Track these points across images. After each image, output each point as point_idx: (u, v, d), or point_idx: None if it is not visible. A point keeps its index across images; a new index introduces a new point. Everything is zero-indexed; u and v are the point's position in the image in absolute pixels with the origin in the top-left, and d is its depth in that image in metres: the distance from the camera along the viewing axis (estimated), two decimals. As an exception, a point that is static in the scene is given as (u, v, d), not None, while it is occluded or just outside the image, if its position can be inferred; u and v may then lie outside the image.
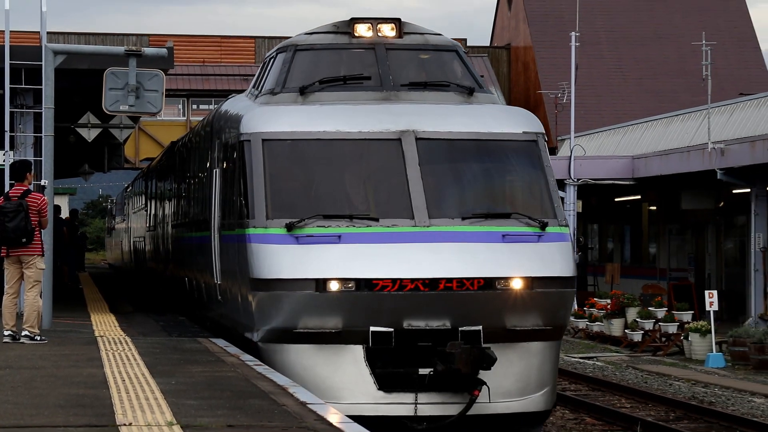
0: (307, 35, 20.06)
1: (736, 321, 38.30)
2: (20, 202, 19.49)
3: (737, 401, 26.08)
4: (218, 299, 20.89)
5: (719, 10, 76.27)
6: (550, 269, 17.55)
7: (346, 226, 17.41)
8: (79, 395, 13.78)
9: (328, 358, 17.22)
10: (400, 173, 17.84)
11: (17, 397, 13.60)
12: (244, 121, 18.81)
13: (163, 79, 22.12)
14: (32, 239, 19.58)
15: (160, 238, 33.25)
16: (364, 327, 17.05)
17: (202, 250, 22.72)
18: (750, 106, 43.05)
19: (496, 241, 17.48)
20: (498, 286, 17.20)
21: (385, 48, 19.58)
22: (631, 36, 73.98)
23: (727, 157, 37.21)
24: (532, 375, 17.68)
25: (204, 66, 62.04)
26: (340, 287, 17.01)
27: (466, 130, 18.42)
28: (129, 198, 52.23)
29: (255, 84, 20.81)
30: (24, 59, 23.32)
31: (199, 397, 13.69)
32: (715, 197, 42.70)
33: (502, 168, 18.69)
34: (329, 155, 18.24)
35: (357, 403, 16.92)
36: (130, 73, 21.77)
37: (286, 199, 17.94)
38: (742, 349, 31.76)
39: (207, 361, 17.50)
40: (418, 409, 17.11)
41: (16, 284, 19.92)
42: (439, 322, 17.13)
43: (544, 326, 17.58)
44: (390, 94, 19.15)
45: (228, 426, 11.79)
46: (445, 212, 17.70)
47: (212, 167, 21.68)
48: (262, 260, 17.39)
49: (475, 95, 19.57)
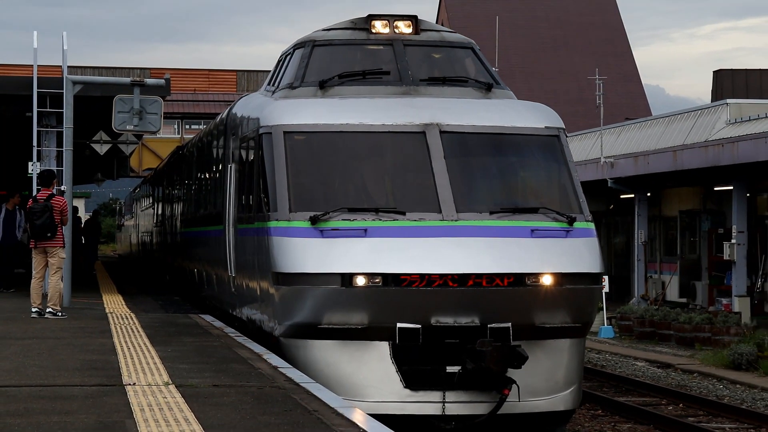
0: (325, 31, 16.80)
1: (622, 300, 38.59)
2: (46, 203, 19.50)
3: (623, 364, 26.23)
4: (232, 291, 17.85)
5: (610, 52, 77.34)
6: (579, 265, 14.31)
7: (371, 219, 14.13)
8: (93, 360, 13.72)
9: (353, 354, 13.95)
10: (425, 166, 14.59)
11: (42, 362, 13.54)
12: (264, 114, 15.63)
13: (161, 104, 22.04)
14: (56, 234, 19.59)
15: (167, 232, 31.30)
16: (391, 323, 13.76)
17: (213, 243, 19.96)
18: (634, 128, 43.56)
19: (525, 236, 14.24)
20: (528, 282, 13.93)
21: (403, 44, 16.33)
22: (540, 72, 74.82)
23: (616, 169, 37.49)
24: (560, 373, 14.44)
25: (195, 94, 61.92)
26: (366, 282, 13.73)
27: (489, 124, 15.18)
28: (136, 199, 52.00)
29: (270, 81, 17.65)
30: (49, 88, 23.27)
31: (190, 362, 13.63)
32: (606, 201, 43.00)
33: (527, 162, 15.50)
34: (352, 148, 15.02)
35: (383, 402, 13.81)
36: (135, 100, 21.70)
37: (309, 192, 14.67)
38: (628, 323, 32.02)
39: (197, 333, 17.42)
40: (446, 408, 13.86)
41: (41, 270, 19.86)
42: (468, 319, 13.83)
43: (572, 323, 14.35)
44: (409, 89, 15.88)
45: (213, 385, 11.73)
46: (473, 206, 14.43)
47: (226, 163, 18.59)
48: (285, 254, 14.19)
49: (493, 91, 16.30)
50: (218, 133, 20.20)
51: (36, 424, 9.40)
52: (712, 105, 39.68)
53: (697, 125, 38.36)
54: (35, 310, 19.82)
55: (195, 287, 23.68)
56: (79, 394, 11.04)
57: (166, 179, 32.46)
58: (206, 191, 21.95)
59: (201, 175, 23.16)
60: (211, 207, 20.54)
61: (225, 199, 18.25)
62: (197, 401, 10.63)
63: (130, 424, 9.42)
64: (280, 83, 16.75)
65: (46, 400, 10.71)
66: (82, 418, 9.70)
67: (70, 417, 9.76)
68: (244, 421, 9.64)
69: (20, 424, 9.44)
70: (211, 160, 21.25)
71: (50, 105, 23.38)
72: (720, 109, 37.90)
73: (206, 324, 18.88)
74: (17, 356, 14.07)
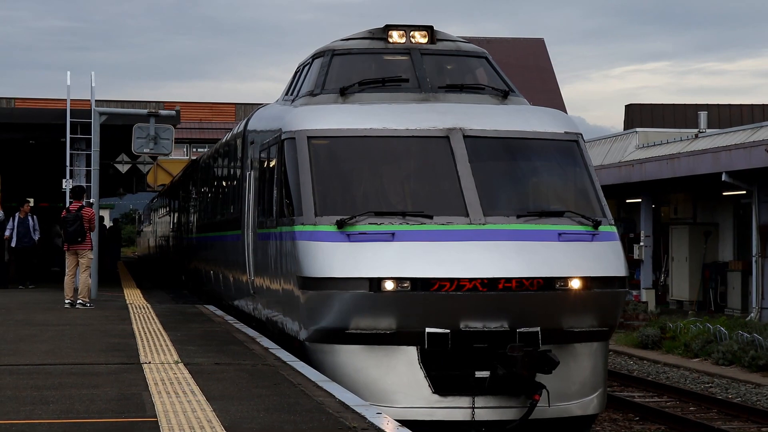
0: (343, 41, 14.57)
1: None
2: (77, 213, 19.48)
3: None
4: (251, 293, 15.66)
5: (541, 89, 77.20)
6: (607, 269, 12.03)
7: (399, 223, 11.83)
8: (115, 343, 13.69)
9: (381, 359, 11.69)
10: (450, 171, 12.33)
11: (74, 344, 13.51)
12: (286, 120, 13.32)
13: (173, 132, 22.07)
14: (85, 239, 19.58)
15: (183, 237, 29.92)
16: (419, 328, 11.50)
17: (229, 247, 17.93)
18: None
19: (553, 239, 11.99)
20: (557, 286, 11.68)
21: (420, 53, 14.13)
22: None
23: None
24: (587, 377, 12.23)
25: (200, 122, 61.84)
26: (395, 287, 11.42)
27: (512, 129, 12.94)
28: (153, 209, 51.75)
29: (288, 91, 15.41)
30: (80, 118, 23.28)
31: (196, 345, 13.61)
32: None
33: (549, 167, 13.11)
34: (377, 152, 12.73)
35: (411, 407, 11.58)
36: (151, 127, 21.74)
37: (334, 197, 12.36)
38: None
39: (201, 320, 17.39)
40: (476, 414, 11.64)
41: (73, 268, 19.82)
42: (497, 324, 11.56)
43: (599, 327, 12.13)
44: (429, 96, 13.63)
45: (215, 364, 11.72)
46: (500, 210, 12.18)
47: (245, 171, 16.30)
48: (311, 258, 11.88)
49: (510, 98, 14.08)
50: (235, 143, 18.06)
51: (68, 396, 9.40)
52: (624, 133, 39.84)
53: (613, 149, 38.54)
54: (68, 302, 19.78)
55: (210, 286, 22.18)
56: (104, 371, 11.03)
57: (182, 189, 31.37)
58: (223, 199, 19.86)
59: (217, 183, 21.11)
60: (228, 213, 18.62)
61: (244, 205, 16.21)
62: (202, 376, 10.63)
63: (146, 396, 9.42)
64: (300, 92, 14.58)
65: (76, 376, 10.69)
66: (106, 391, 9.69)
67: (97, 390, 9.75)
68: (240, 393, 9.65)
69: (55, 395, 9.43)
70: (228, 169, 19.22)
71: (81, 132, 23.38)
72: (631, 136, 38.09)
73: (209, 313, 18.84)
74: (53, 340, 14.03)
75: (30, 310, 19.23)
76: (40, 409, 8.77)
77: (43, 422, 8.18)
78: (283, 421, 8.30)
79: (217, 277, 20.34)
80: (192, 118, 61.05)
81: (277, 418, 8.38)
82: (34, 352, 12.69)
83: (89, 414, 8.54)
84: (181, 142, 58.91)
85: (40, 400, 9.20)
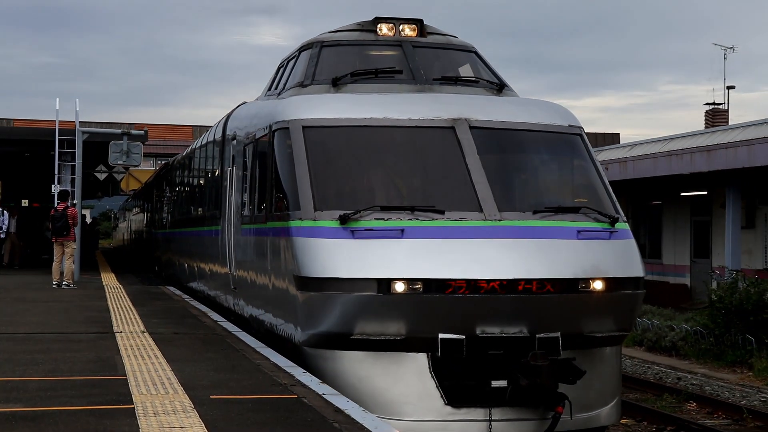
0: (332, 33, 11.51)
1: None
2: (63, 212, 19.26)
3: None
4: (232, 288, 12.54)
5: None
6: (627, 269, 9.14)
7: (408, 219, 8.78)
8: (94, 316, 13.47)
9: (387, 367, 8.69)
10: (459, 163, 9.30)
11: (60, 317, 13.26)
12: (277, 111, 10.20)
13: (141, 147, 22.02)
14: (70, 232, 19.35)
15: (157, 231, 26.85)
16: (432, 333, 8.54)
17: (207, 242, 14.78)
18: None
19: (572, 237, 9.00)
20: (579, 288, 8.78)
21: (411, 45, 11.14)
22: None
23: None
24: (605, 384, 9.35)
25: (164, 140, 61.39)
26: (405, 288, 8.46)
27: (518, 120, 9.92)
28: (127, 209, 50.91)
29: (271, 87, 12.30)
30: (66, 135, 23.02)
31: (159, 318, 13.44)
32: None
33: (558, 160, 10.16)
34: (378, 143, 9.56)
35: (422, 420, 8.64)
36: (124, 144, 21.65)
37: (335, 190, 9.22)
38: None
39: (164, 298, 17.17)
40: (493, 428, 8.70)
41: (60, 256, 19.53)
42: (516, 329, 8.63)
43: (618, 331, 9.19)
44: (424, 87, 10.61)
45: (174, 333, 11.58)
46: (515, 205, 9.21)
47: (225, 167, 13.17)
48: (311, 256, 8.78)
49: (504, 91, 11.05)
50: (214, 141, 14.80)
51: (55, 359, 9.24)
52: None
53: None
54: (55, 283, 19.45)
55: (184, 276, 19.16)
56: (84, 339, 10.85)
57: (156, 189, 28.67)
58: (200, 195, 16.55)
59: (193, 181, 17.89)
60: (205, 210, 15.47)
61: (224, 201, 13.14)
62: (163, 343, 10.50)
63: (118, 359, 9.30)
64: (286, 85, 11.50)
65: (61, 342, 10.51)
66: (86, 354, 9.55)
67: (78, 354, 9.60)
68: (194, 356, 9.57)
69: (44, 358, 9.26)
70: (206, 167, 15.92)
71: (67, 147, 23.13)
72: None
73: (170, 293, 18.62)
74: (42, 314, 13.76)
75: (23, 289, 18.85)
76: (32, 369, 8.62)
77: (34, 379, 8.05)
78: (228, 378, 8.26)
79: (192, 268, 17.42)
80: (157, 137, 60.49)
81: (224, 376, 8.34)
82: (27, 323, 12.43)
83: (72, 373, 8.41)
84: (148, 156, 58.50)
85: (31, 361, 9.04)
